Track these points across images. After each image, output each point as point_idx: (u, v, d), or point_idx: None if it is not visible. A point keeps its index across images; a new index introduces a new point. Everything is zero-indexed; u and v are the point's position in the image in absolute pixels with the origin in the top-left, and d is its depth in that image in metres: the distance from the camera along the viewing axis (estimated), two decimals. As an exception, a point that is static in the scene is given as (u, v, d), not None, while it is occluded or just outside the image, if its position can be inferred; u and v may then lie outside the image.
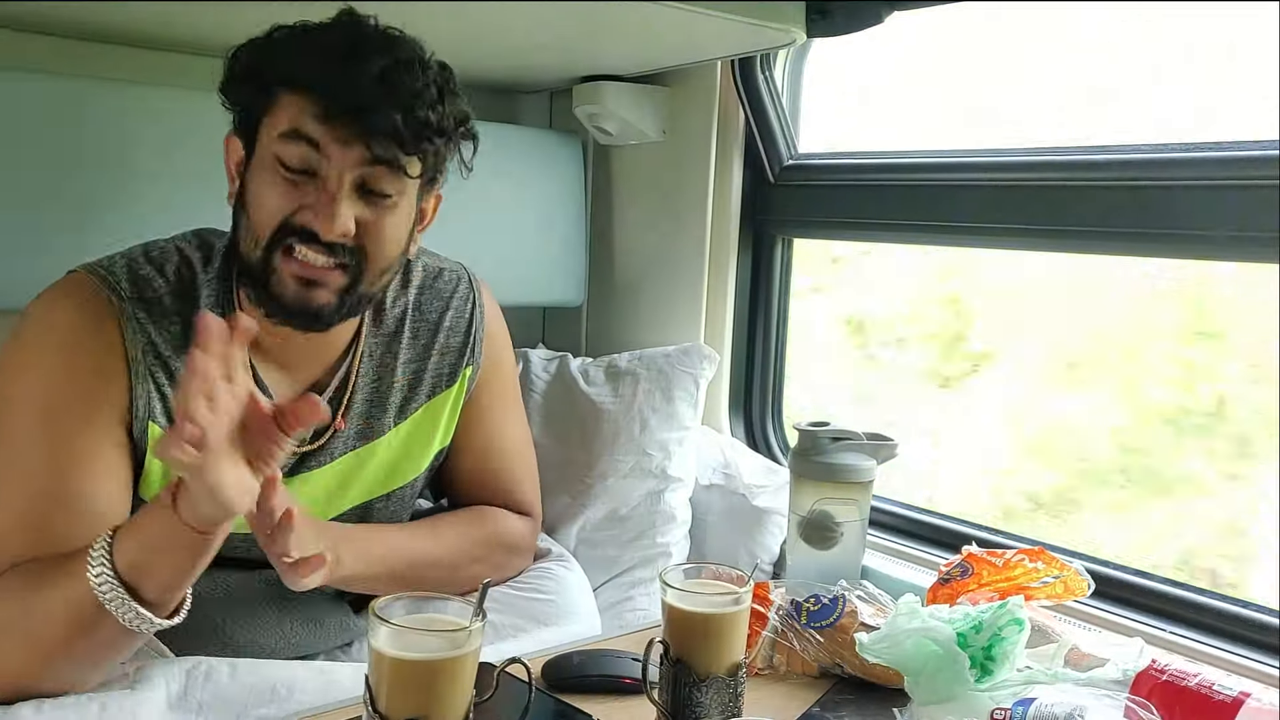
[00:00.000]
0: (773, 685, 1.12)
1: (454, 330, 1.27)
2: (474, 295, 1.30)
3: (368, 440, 1.20)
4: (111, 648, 0.97)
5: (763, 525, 1.51)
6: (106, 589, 0.91)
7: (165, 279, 1.09)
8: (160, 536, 0.92)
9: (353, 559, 1.12)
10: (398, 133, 1.00)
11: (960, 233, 1.45)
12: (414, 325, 1.24)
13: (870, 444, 1.34)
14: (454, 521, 1.28)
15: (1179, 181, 1.19)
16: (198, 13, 1.29)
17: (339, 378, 1.18)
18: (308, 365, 1.16)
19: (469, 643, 0.80)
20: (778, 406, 1.74)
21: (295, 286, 1.03)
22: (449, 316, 1.26)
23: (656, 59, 1.62)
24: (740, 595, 0.96)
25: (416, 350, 1.24)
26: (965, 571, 1.19)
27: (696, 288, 1.72)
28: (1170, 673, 0.96)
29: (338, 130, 1.00)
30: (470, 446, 1.31)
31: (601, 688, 1.07)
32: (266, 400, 0.90)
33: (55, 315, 1.04)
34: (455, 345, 1.27)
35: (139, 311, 1.05)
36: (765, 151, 1.65)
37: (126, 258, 1.09)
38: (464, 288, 1.29)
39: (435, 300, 1.26)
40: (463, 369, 1.27)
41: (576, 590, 1.34)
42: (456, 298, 1.28)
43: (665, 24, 1.33)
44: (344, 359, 1.19)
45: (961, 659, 0.98)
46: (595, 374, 1.68)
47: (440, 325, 1.26)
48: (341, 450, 1.18)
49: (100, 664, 0.99)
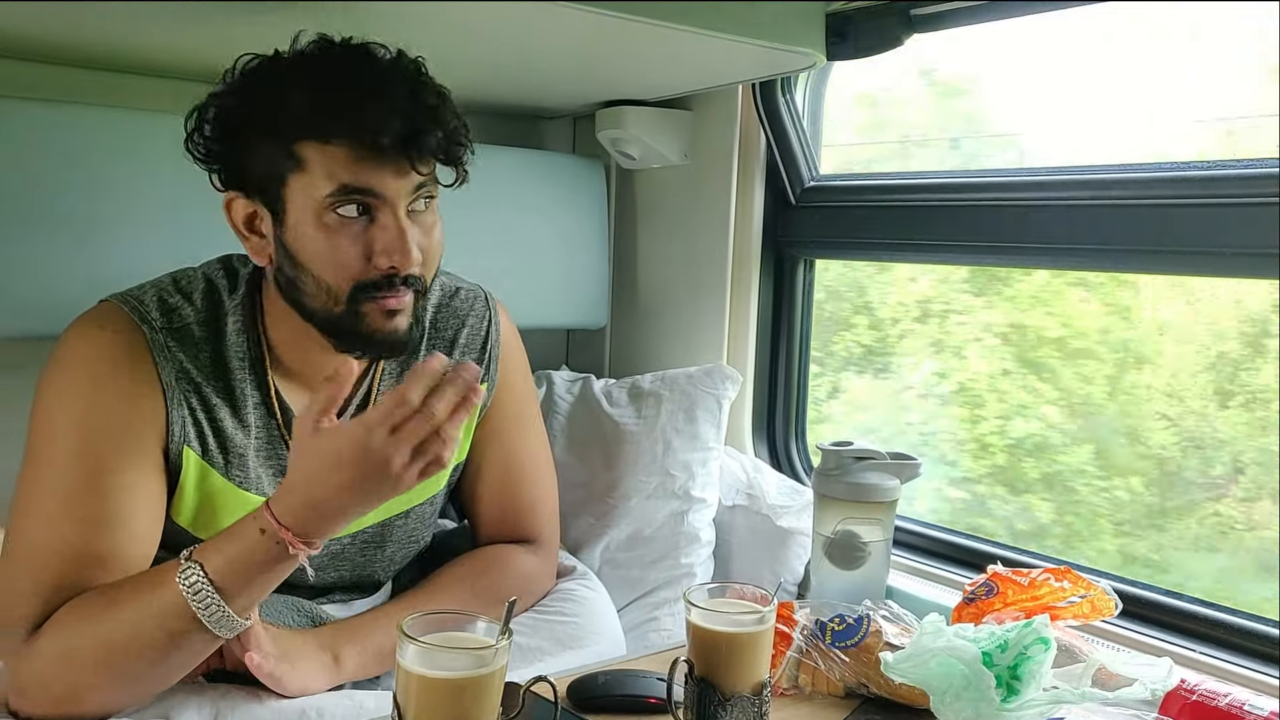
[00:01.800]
0: (798, 705, 1.12)
1: (469, 347, 1.28)
2: (490, 314, 1.31)
3: None
4: (193, 658, 1.00)
5: (786, 546, 1.51)
6: (201, 596, 0.94)
7: (194, 307, 1.11)
8: (254, 550, 0.95)
9: (354, 659, 1.13)
10: (443, 149, 1.03)
11: (981, 252, 1.46)
12: (430, 343, 1.25)
13: (894, 463, 1.34)
14: (456, 580, 1.25)
15: (1190, 200, 1.20)
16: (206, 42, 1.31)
17: (360, 397, 1.19)
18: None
19: (495, 660, 0.81)
20: (801, 427, 1.74)
21: (382, 321, 1.05)
22: (464, 334, 1.28)
23: (678, 83, 1.64)
24: (765, 614, 0.96)
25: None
26: (990, 591, 1.18)
27: (719, 309, 1.72)
28: (1200, 692, 0.96)
29: (389, 167, 1.01)
30: (485, 466, 1.32)
31: (626, 707, 1.07)
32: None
33: (91, 344, 1.06)
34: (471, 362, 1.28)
35: (169, 340, 1.07)
36: (786, 173, 1.66)
37: (156, 287, 1.11)
38: (480, 306, 1.30)
39: (452, 318, 1.28)
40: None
41: (601, 611, 1.34)
42: (473, 316, 1.29)
43: (687, 49, 1.35)
44: (364, 379, 1.20)
45: (987, 678, 0.98)
46: (618, 395, 1.69)
47: (456, 342, 1.27)
48: None
49: (174, 678, 1.02)
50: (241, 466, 1.12)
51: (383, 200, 1.02)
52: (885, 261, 1.69)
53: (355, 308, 1.04)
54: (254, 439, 1.13)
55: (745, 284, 1.71)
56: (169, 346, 1.07)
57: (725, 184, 1.70)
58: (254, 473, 1.13)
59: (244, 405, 1.11)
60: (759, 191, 1.69)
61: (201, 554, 0.96)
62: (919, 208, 1.50)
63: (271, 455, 1.14)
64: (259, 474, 1.13)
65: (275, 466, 1.15)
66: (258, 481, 1.13)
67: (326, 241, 1.02)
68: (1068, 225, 1.31)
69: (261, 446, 1.14)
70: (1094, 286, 1.49)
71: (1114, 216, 1.26)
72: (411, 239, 1.03)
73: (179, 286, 1.12)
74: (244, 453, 1.12)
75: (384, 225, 1.02)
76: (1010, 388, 1.58)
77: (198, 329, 1.10)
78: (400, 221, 1.02)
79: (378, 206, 1.02)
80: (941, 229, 1.47)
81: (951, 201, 1.45)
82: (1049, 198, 1.33)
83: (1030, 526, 1.53)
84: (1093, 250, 1.29)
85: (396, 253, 1.02)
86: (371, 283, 1.03)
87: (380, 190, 1.01)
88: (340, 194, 1.00)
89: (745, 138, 1.69)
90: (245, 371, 1.12)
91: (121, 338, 1.06)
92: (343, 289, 1.03)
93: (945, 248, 1.49)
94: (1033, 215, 1.35)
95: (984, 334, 1.60)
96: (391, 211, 1.02)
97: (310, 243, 1.03)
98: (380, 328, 1.06)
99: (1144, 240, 1.24)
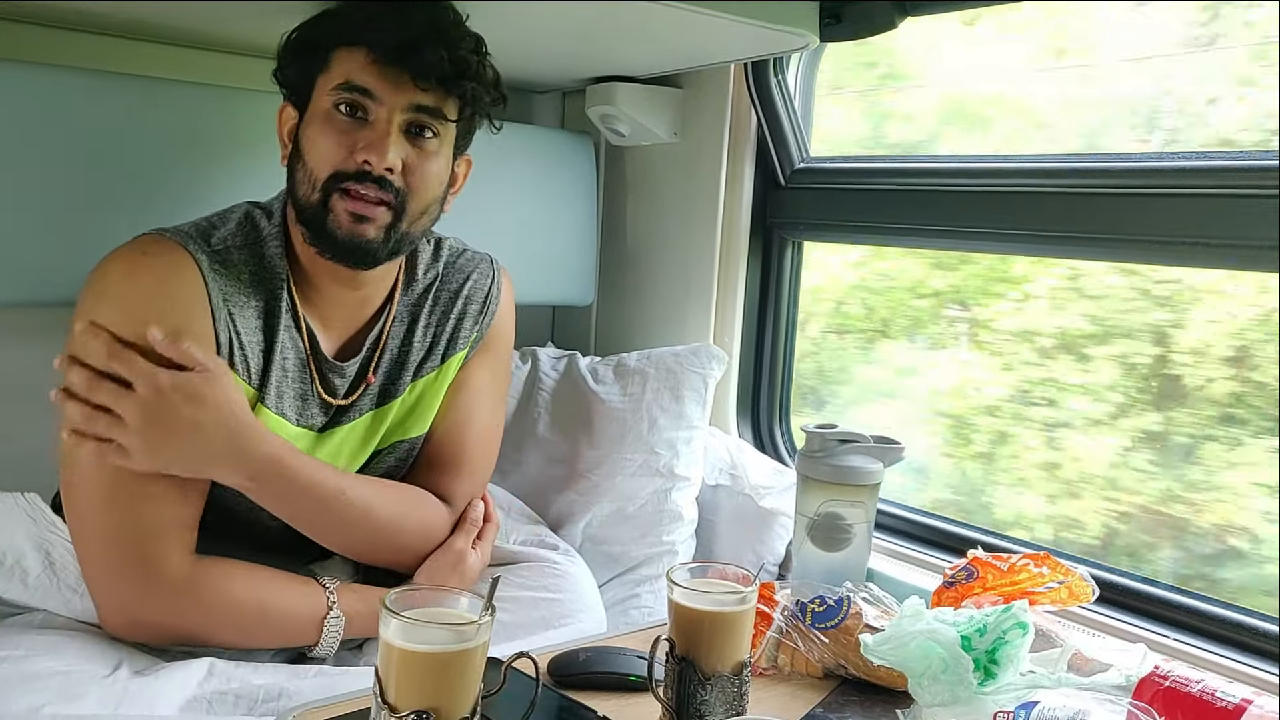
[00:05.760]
0: (777, 685, 1.13)
1: (471, 299, 1.34)
2: (494, 275, 1.38)
3: (387, 400, 1.28)
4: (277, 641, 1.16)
5: (769, 526, 1.52)
6: (335, 619, 1.17)
7: (230, 232, 1.17)
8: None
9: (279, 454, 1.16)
10: (442, 69, 1.11)
11: (970, 237, 1.46)
12: (437, 292, 1.32)
13: (877, 446, 1.34)
14: (397, 489, 1.28)
15: (1181, 189, 1.20)
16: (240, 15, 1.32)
17: (373, 336, 1.26)
18: (348, 321, 1.25)
19: (478, 636, 0.81)
20: (785, 408, 1.74)
21: (348, 222, 1.13)
22: (469, 286, 1.34)
23: (670, 61, 1.63)
24: (746, 595, 0.96)
25: (437, 315, 1.32)
26: (970, 575, 1.19)
27: (706, 289, 1.72)
28: (1173, 679, 0.97)
29: (388, 72, 1.10)
30: (441, 412, 1.33)
31: (607, 684, 1.08)
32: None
33: (139, 270, 1.09)
34: (471, 312, 1.34)
35: (214, 262, 1.13)
36: (777, 154, 1.66)
37: (191, 222, 1.17)
38: (485, 266, 1.37)
39: (458, 273, 1.35)
40: (471, 334, 1.34)
41: (583, 588, 1.35)
42: (477, 272, 1.36)
43: (679, 27, 1.34)
44: (377, 319, 1.27)
45: (965, 662, 0.99)
46: (604, 372, 1.69)
47: (460, 293, 1.33)
48: (368, 407, 1.26)
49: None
50: (269, 386, 1.16)
51: (378, 103, 1.11)
52: (875, 245, 1.69)
53: (326, 197, 1.12)
54: (283, 359, 1.18)
55: (733, 264, 1.71)
56: (213, 269, 1.12)
57: (715, 163, 1.69)
58: (277, 392, 1.17)
59: (276, 327, 1.17)
60: (749, 172, 1.69)
61: (342, 593, 1.18)
62: (909, 191, 1.50)
63: (298, 378, 1.20)
64: (282, 392, 1.18)
65: (298, 389, 1.20)
66: (279, 402, 1.18)
67: (321, 131, 1.13)
68: (1060, 212, 1.31)
69: (291, 368, 1.19)
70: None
71: (1113, 205, 1.26)
72: (394, 146, 1.11)
73: (211, 220, 1.18)
74: (273, 372, 1.17)
75: (372, 125, 1.12)
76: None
77: (236, 253, 1.16)
78: (387, 125, 1.12)
79: (372, 109, 1.12)
80: (932, 213, 1.47)
81: (942, 186, 1.46)
82: (1041, 184, 1.33)
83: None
84: (1086, 238, 1.30)
85: (374, 151, 1.11)
86: (346, 173, 1.12)
87: (376, 93, 1.11)
88: (343, 88, 1.11)
89: (736, 117, 1.68)
90: (282, 293, 1.18)
91: (167, 259, 1.10)
92: (320, 175, 1.12)
93: (935, 232, 1.49)
94: (1023, 201, 1.35)
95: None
96: (383, 117, 1.12)
97: (311, 132, 1.14)
98: (347, 228, 1.13)
99: (1146, 230, 1.24)
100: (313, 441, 1.22)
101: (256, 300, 1.16)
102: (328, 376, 1.23)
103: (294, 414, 1.20)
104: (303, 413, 1.21)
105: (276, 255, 1.18)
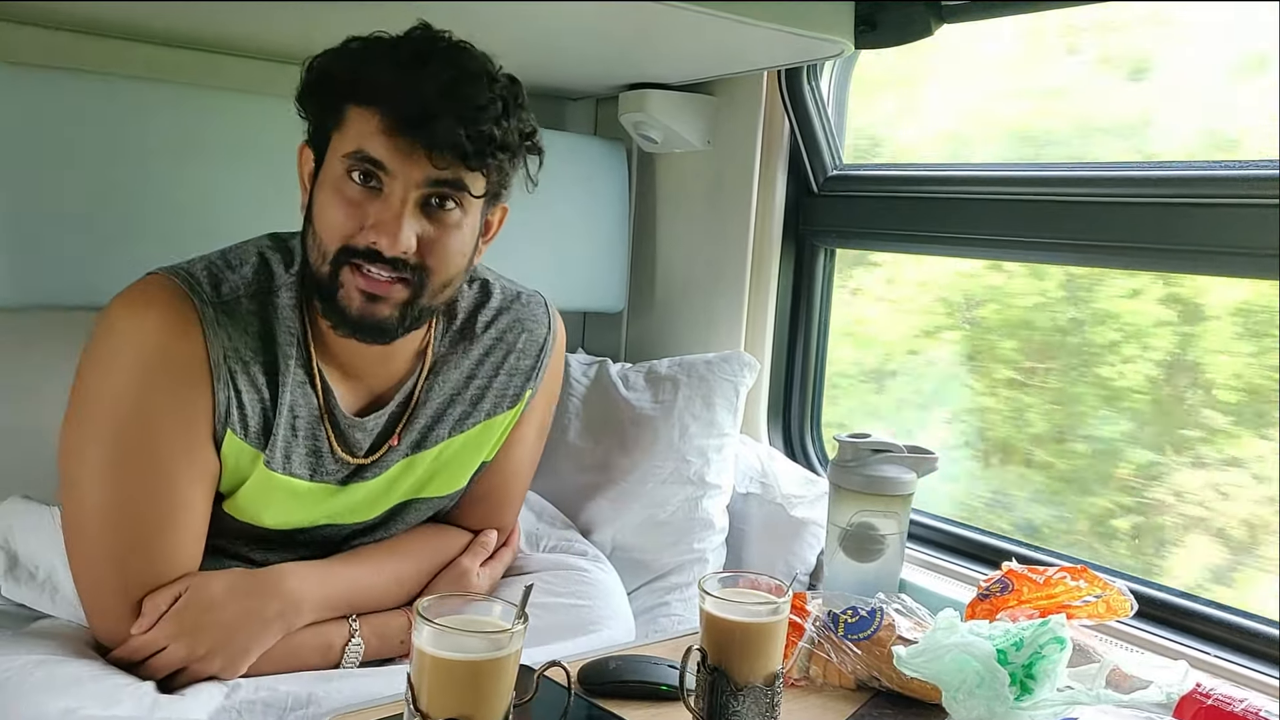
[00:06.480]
0: (809, 697, 1.12)
1: (525, 353, 1.28)
2: (550, 321, 1.31)
3: (420, 450, 1.21)
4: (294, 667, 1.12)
5: (800, 536, 1.51)
6: (358, 645, 1.14)
7: (244, 279, 1.10)
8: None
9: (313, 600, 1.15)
10: (460, 146, 1.00)
11: (1003, 246, 1.45)
12: (487, 344, 1.25)
13: (911, 456, 1.33)
14: (417, 554, 1.26)
15: (1197, 199, 1.19)
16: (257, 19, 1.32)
17: (404, 392, 1.19)
18: (375, 376, 1.18)
19: (511, 644, 0.81)
20: (816, 417, 1.73)
21: (360, 300, 1.05)
22: (523, 339, 1.27)
23: (703, 68, 1.62)
24: (779, 605, 0.96)
25: (486, 368, 1.25)
26: (1005, 587, 1.18)
27: (738, 296, 1.72)
28: (1216, 697, 0.95)
29: (402, 144, 1.00)
30: (487, 469, 1.31)
31: (638, 693, 1.08)
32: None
33: (141, 324, 1.04)
34: (524, 367, 1.28)
35: (220, 315, 1.06)
36: (810, 162, 1.65)
37: (205, 260, 1.10)
38: (541, 313, 1.30)
39: (512, 322, 1.27)
40: (525, 391, 1.28)
41: (613, 595, 1.35)
42: (532, 321, 1.29)
43: (713, 34, 1.34)
44: (410, 373, 1.20)
45: (1001, 676, 0.97)
46: (635, 379, 1.69)
47: (514, 346, 1.27)
48: (394, 461, 1.20)
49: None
50: (273, 446, 1.11)
51: (392, 177, 1.02)
52: (907, 253, 1.68)
53: (336, 270, 1.04)
54: (292, 417, 1.11)
55: (765, 271, 1.70)
56: (218, 321, 1.06)
57: (747, 170, 1.69)
58: (284, 451, 1.12)
59: (286, 383, 1.10)
60: (781, 179, 1.68)
61: (363, 623, 1.16)
62: (941, 199, 1.49)
63: (309, 435, 1.13)
64: (290, 452, 1.12)
65: (310, 446, 1.14)
66: (286, 462, 1.12)
67: (331, 198, 1.04)
68: (1089, 221, 1.30)
69: (301, 425, 1.13)
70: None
71: (1153, 214, 1.24)
72: (408, 225, 1.02)
73: (228, 260, 1.11)
74: (279, 431, 1.11)
75: (385, 201, 1.02)
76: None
77: (247, 301, 1.09)
78: (400, 204, 1.02)
79: (387, 183, 1.02)
80: (962, 221, 1.46)
81: (976, 194, 1.44)
82: (1077, 193, 1.32)
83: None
84: (1117, 247, 1.28)
85: (385, 233, 1.01)
86: (357, 249, 1.03)
87: (389, 166, 1.01)
88: (354, 157, 1.02)
89: (769, 124, 1.67)
90: (293, 348, 1.11)
91: (170, 315, 1.04)
92: (330, 247, 1.04)
93: (966, 241, 1.48)
94: (1058, 210, 1.34)
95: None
96: (398, 192, 1.02)
97: (322, 197, 1.05)
98: (358, 306, 1.05)
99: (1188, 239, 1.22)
100: (331, 493, 1.17)
101: (264, 356, 1.09)
102: (346, 433, 1.16)
103: (307, 471, 1.14)
104: (317, 469, 1.15)
105: (289, 306, 1.11)
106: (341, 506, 1.19)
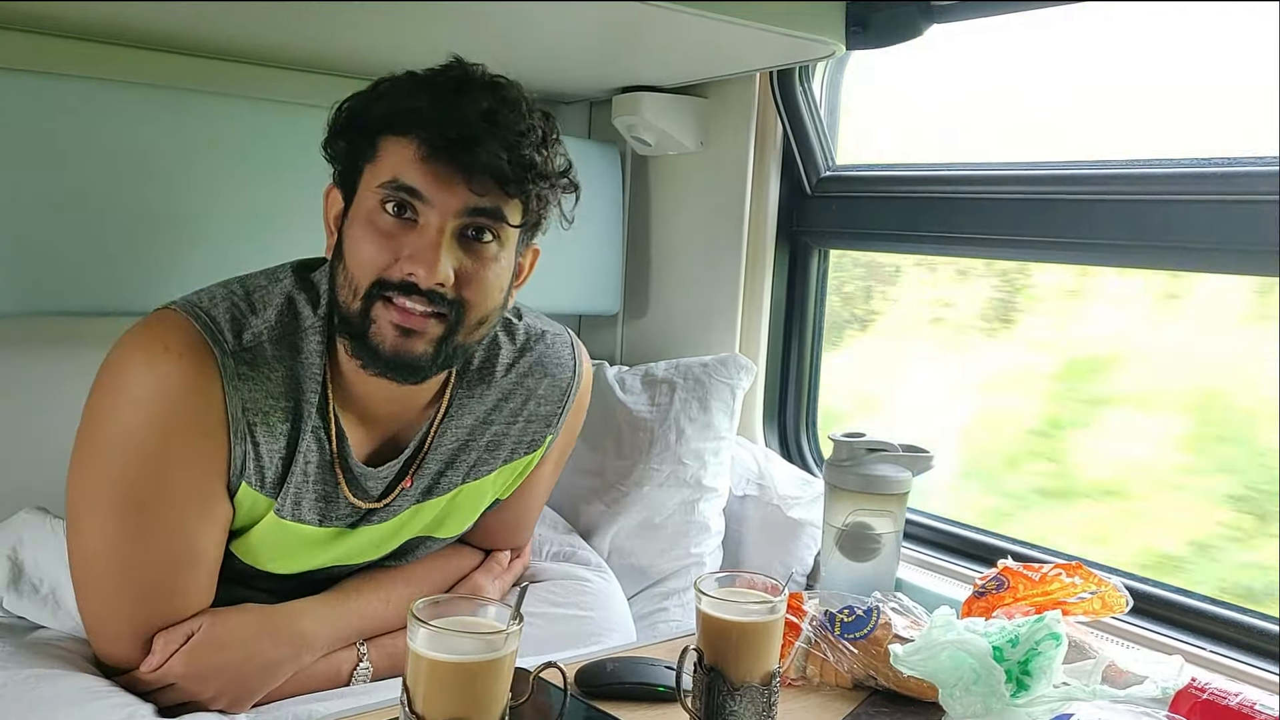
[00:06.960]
0: (806, 696, 1.12)
1: (546, 399, 1.24)
2: (575, 364, 1.27)
3: (430, 496, 1.19)
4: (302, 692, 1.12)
5: (797, 537, 1.51)
6: (366, 668, 1.14)
7: (268, 323, 1.05)
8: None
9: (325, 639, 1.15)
10: (500, 171, 0.99)
11: (996, 245, 1.45)
12: (505, 388, 1.21)
13: (906, 455, 1.33)
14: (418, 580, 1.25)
15: (1194, 196, 1.19)
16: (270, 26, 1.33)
17: (419, 436, 1.16)
18: (390, 418, 1.15)
19: (506, 645, 0.81)
20: (812, 418, 1.74)
21: (393, 336, 1.01)
22: (545, 384, 1.24)
23: (696, 70, 1.63)
24: (775, 604, 0.96)
25: (504, 414, 1.21)
26: (1001, 585, 1.18)
27: (732, 298, 1.72)
28: (1211, 691, 0.95)
29: (440, 170, 0.98)
30: (505, 505, 1.30)
31: (635, 695, 1.08)
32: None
33: (156, 374, 0.99)
34: (544, 414, 1.24)
35: (240, 365, 1.02)
36: (802, 163, 1.66)
37: (228, 298, 1.06)
38: (566, 355, 1.26)
39: (533, 365, 1.23)
40: (545, 437, 1.25)
41: (614, 605, 1.35)
42: (555, 365, 1.25)
43: (705, 36, 1.34)
44: (425, 418, 1.17)
45: (997, 673, 0.98)
46: (631, 382, 1.69)
47: (534, 392, 1.23)
48: (405, 506, 1.17)
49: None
50: (285, 494, 1.08)
51: (429, 206, 0.99)
52: (901, 254, 1.68)
53: (369, 306, 1.01)
54: (306, 463, 1.08)
55: (759, 273, 1.70)
56: (239, 375, 1.02)
57: (740, 172, 1.69)
58: (295, 499, 1.09)
59: (304, 429, 1.07)
60: (774, 180, 1.68)
61: (371, 646, 1.16)
62: (935, 199, 1.49)
63: (320, 480, 1.10)
64: (300, 498, 1.09)
65: (320, 491, 1.10)
66: (295, 509, 1.09)
67: (364, 232, 1.01)
68: (1084, 220, 1.30)
69: (312, 471, 1.09)
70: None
71: (1141, 210, 1.25)
72: (445, 256, 0.99)
73: (251, 301, 1.06)
74: (292, 479, 1.08)
75: (421, 232, 1.00)
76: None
77: (271, 347, 1.05)
78: (437, 233, 0.99)
79: (423, 213, 1.00)
80: (958, 221, 1.46)
81: (969, 194, 1.45)
82: (1067, 192, 1.32)
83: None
84: (1110, 246, 1.28)
85: (422, 263, 0.98)
86: (391, 282, 1.00)
87: (426, 194, 0.99)
88: (390, 186, 0.99)
89: (761, 126, 1.68)
90: (316, 395, 1.07)
91: (187, 367, 1.00)
92: (362, 282, 1.01)
93: (961, 240, 1.48)
94: (1049, 209, 1.34)
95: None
96: (435, 222, 0.99)
97: (354, 232, 1.02)
98: (392, 343, 1.01)
99: (1173, 236, 1.22)
100: (339, 535, 1.14)
101: (285, 403, 1.05)
102: (357, 480, 1.12)
103: (316, 516, 1.11)
104: (327, 514, 1.12)
105: (316, 352, 1.06)
106: (349, 549, 1.17)
